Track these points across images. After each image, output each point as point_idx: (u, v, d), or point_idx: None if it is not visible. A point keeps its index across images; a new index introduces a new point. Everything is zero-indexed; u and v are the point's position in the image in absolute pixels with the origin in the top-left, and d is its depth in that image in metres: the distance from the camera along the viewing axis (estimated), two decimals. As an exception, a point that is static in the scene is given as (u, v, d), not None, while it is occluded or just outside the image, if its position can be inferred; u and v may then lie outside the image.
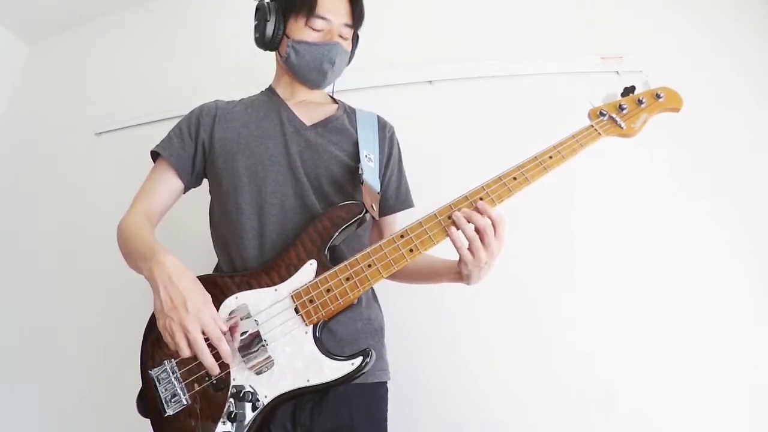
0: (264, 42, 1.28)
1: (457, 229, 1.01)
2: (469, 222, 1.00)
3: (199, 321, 0.91)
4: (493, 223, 1.00)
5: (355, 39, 1.34)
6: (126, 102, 2.35)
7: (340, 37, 1.24)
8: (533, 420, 1.48)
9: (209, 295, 0.98)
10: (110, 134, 2.32)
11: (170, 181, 1.23)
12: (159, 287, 0.94)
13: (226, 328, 0.95)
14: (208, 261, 1.23)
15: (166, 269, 0.95)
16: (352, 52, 1.34)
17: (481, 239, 0.99)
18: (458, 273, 1.07)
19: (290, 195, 1.15)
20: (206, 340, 0.92)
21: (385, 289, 1.25)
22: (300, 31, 1.21)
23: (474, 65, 1.90)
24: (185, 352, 0.91)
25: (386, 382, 1.18)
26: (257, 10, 1.29)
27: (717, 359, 1.44)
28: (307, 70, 1.25)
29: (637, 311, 1.52)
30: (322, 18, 1.20)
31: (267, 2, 1.27)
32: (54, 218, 2.25)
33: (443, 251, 1.08)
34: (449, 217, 1.02)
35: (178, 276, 0.95)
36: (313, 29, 1.21)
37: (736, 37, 1.77)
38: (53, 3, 2.46)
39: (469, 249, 1.00)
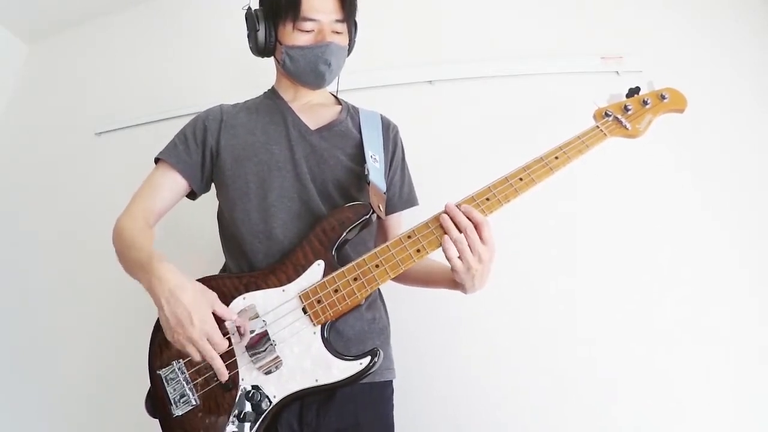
0: (258, 50, 1.28)
1: (445, 233, 1.01)
2: (454, 223, 1.01)
3: (205, 333, 0.93)
4: (476, 226, 1.00)
5: (353, 27, 1.31)
6: (126, 102, 2.34)
7: (334, 32, 1.21)
8: (537, 419, 1.48)
9: (214, 294, 0.99)
10: (110, 134, 2.31)
11: (174, 185, 1.22)
12: (162, 303, 0.94)
13: (234, 317, 0.97)
14: (216, 260, 1.24)
15: (166, 283, 0.94)
16: (352, 40, 1.31)
17: (467, 239, 0.99)
18: (453, 281, 1.07)
19: (296, 200, 1.15)
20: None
21: (390, 289, 1.26)
22: (290, 36, 1.20)
23: (474, 65, 1.90)
24: (196, 359, 0.94)
25: (392, 381, 1.19)
26: (246, 19, 1.28)
27: (720, 359, 1.45)
28: (304, 73, 1.24)
29: (641, 313, 1.52)
30: (310, 19, 1.18)
31: (254, 10, 1.26)
32: (54, 218, 2.24)
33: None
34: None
35: (180, 289, 0.94)
36: (303, 31, 1.19)
37: (736, 38, 1.78)
38: (53, 3, 2.45)
39: (459, 257, 1.00)
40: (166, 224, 1.24)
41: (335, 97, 1.43)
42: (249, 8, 1.27)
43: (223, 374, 0.94)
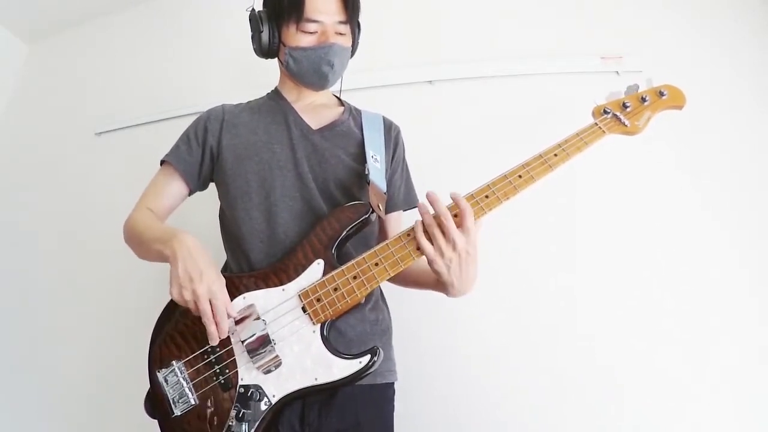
0: (262, 52, 1.28)
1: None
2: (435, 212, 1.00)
3: (210, 293, 0.95)
4: (459, 213, 0.99)
5: (357, 28, 1.30)
6: (126, 102, 2.34)
7: (338, 34, 1.21)
8: (537, 419, 1.48)
9: (224, 280, 1.01)
10: (110, 134, 2.31)
11: (176, 186, 1.25)
12: (178, 259, 0.97)
13: (234, 314, 0.98)
14: (216, 259, 1.23)
15: (187, 245, 0.99)
16: (355, 42, 1.31)
17: (440, 226, 0.98)
18: (437, 279, 1.04)
19: (297, 199, 1.16)
20: None
21: (391, 289, 1.26)
22: (293, 37, 1.20)
23: (474, 65, 1.90)
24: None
25: (393, 383, 1.19)
26: (250, 20, 1.28)
27: (720, 358, 1.45)
28: (307, 75, 1.24)
29: (641, 312, 1.52)
30: (313, 21, 1.18)
31: (258, 11, 1.26)
32: (54, 218, 2.24)
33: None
34: (455, 216, 1.01)
35: (198, 252, 0.99)
36: (306, 32, 1.19)
37: (736, 37, 1.78)
38: (53, 3, 2.45)
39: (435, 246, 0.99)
40: (168, 224, 1.24)
41: (338, 98, 1.43)
42: (253, 10, 1.27)
43: (215, 338, 0.96)
